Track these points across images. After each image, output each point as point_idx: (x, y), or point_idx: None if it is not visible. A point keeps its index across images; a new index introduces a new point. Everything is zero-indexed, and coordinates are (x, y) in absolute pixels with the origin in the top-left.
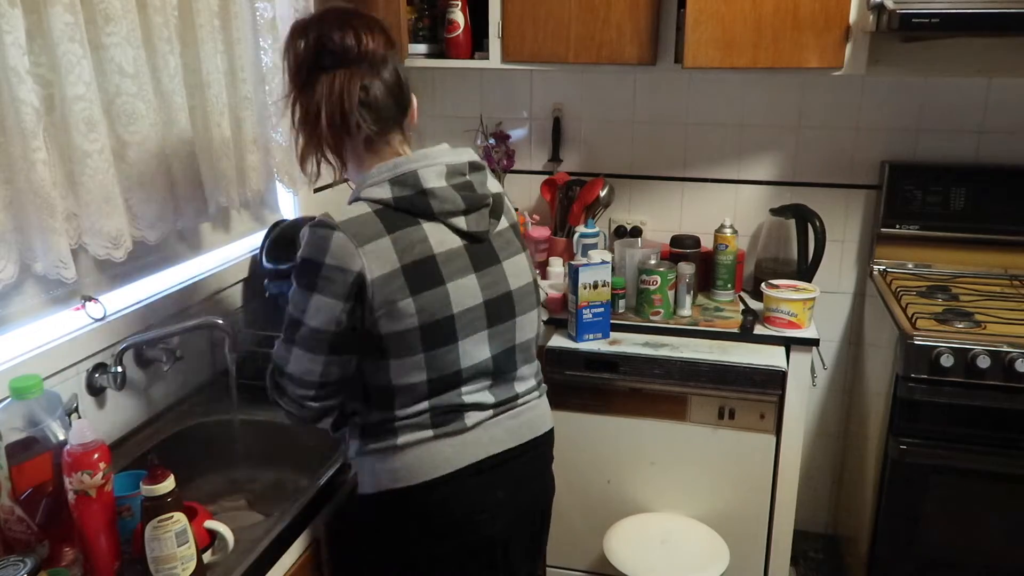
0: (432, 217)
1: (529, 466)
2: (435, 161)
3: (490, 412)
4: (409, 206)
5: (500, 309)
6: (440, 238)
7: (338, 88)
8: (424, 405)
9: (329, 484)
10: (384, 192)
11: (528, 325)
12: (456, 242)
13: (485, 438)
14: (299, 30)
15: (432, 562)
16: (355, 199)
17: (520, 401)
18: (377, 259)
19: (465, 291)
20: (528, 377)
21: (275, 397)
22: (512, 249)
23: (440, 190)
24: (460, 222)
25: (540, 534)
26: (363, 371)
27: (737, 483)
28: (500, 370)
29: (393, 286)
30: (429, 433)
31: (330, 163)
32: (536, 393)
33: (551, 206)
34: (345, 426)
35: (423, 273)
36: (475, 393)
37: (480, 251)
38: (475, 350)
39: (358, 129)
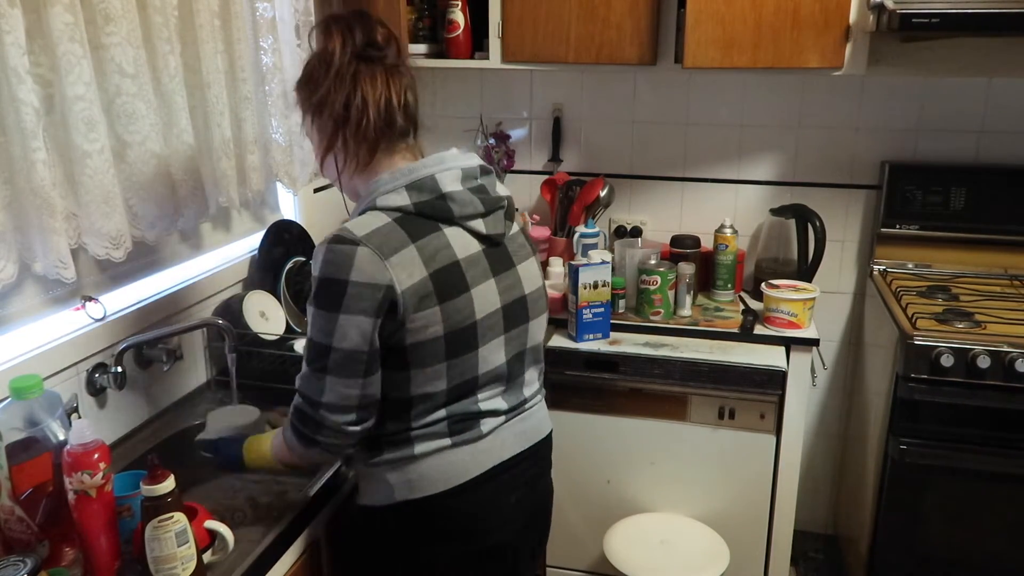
0: (452, 222)
1: (535, 469)
2: (450, 165)
3: (503, 418)
4: (430, 211)
5: (515, 313)
6: (462, 243)
7: (386, 83)
8: (441, 413)
9: (329, 485)
10: (402, 199)
11: (538, 329)
12: (476, 247)
13: (497, 444)
14: (343, 21)
15: (448, 569)
16: (368, 208)
17: (527, 406)
18: (404, 270)
19: (486, 297)
20: (533, 381)
21: (309, 434)
22: (524, 253)
23: (458, 194)
24: (479, 225)
25: (544, 536)
26: (383, 383)
27: (737, 483)
28: (512, 375)
29: (421, 295)
30: (447, 442)
31: (348, 161)
32: (539, 397)
33: (551, 206)
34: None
35: (449, 280)
36: (490, 400)
37: (497, 255)
38: (492, 356)
39: (394, 127)
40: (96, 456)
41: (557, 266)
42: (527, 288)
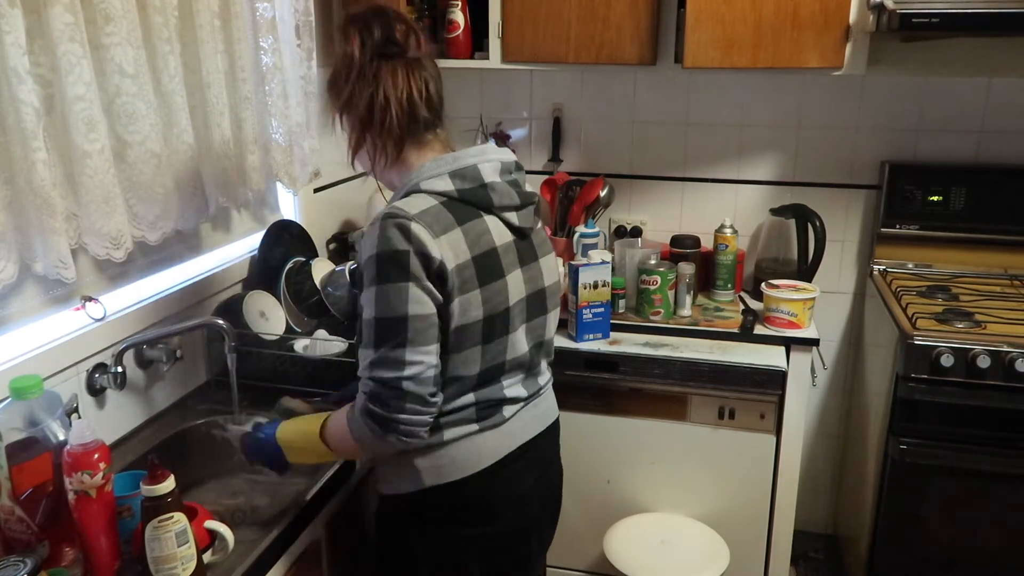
0: (490, 211)
1: (548, 450)
2: (491, 157)
3: (522, 404)
4: (473, 198)
5: (536, 304)
6: (498, 231)
7: (406, 78)
8: (470, 398)
9: (329, 484)
10: (446, 184)
11: (553, 322)
12: (508, 236)
13: (518, 427)
14: (360, 21)
15: (475, 552)
16: (412, 191)
17: (541, 392)
18: (452, 249)
19: (516, 284)
20: (546, 371)
21: (390, 415)
22: (546, 248)
23: (498, 185)
24: (513, 217)
25: (555, 519)
26: None
27: (737, 483)
28: (531, 364)
29: (465, 276)
30: (475, 427)
31: (378, 157)
32: (550, 384)
33: (551, 206)
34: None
35: (488, 265)
36: (512, 387)
37: (524, 247)
38: (518, 343)
39: (418, 121)
40: (96, 456)
41: (557, 266)
42: (547, 281)
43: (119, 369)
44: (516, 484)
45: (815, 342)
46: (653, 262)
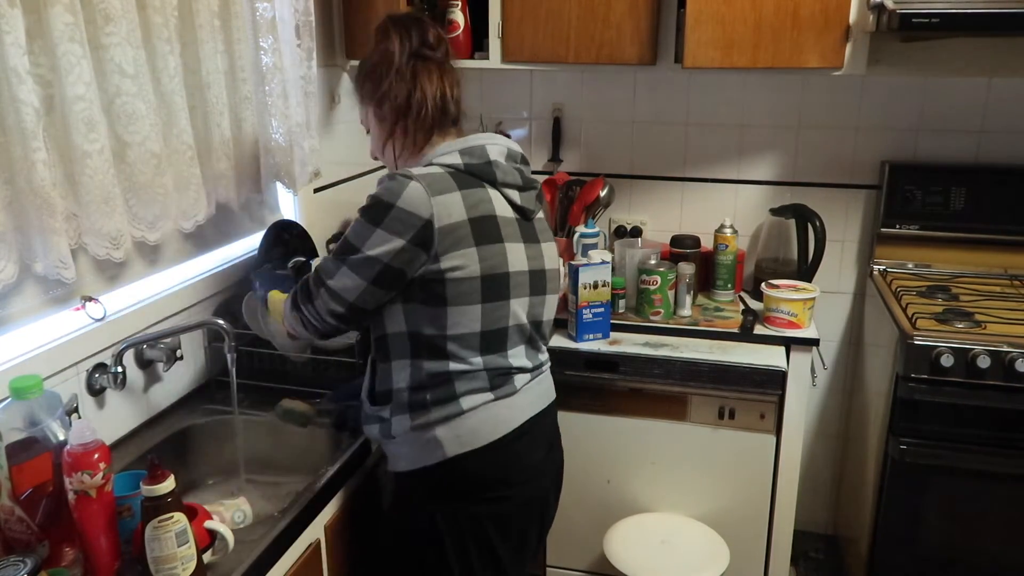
0: (494, 185)
1: (551, 428)
2: (498, 142)
3: (529, 376)
4: (478, 172)
5: (538, 282)
6: (501, 204)
7: (439, 78)
8: (479, 361)
9: (329, 484)
10: (455, 159)
11: (552, 305)
12: (511, 212)
13: (528, 400)
14: (401, 24)
15: (490, 524)
16: (425, 166)
17: (543, 368)
18: (446, 208)
19: (517, 255)
20: (544, 350)
21: (300, 302)
22: (548, 235)
23: (503, 164)
24: (515, 195)
25: (558, 497)
26: (420, 322)
27: (737, 483)
28: (531, 338)
29: (459, 234)
30: (490, 396)
31: (406, 145)
32: (548, 364)
33: (551, 206)
34: (348, 421)
35: (486, 228)
36: (518, 356)
37: (527, 227)
38: (520, 312)
39: (448, 114)
40: (96, 456)
41: (557, 255)
42: (547, 264)
43: (119, 369)
44: (528, 457)
45: (815, 342)
46: (653, 262)
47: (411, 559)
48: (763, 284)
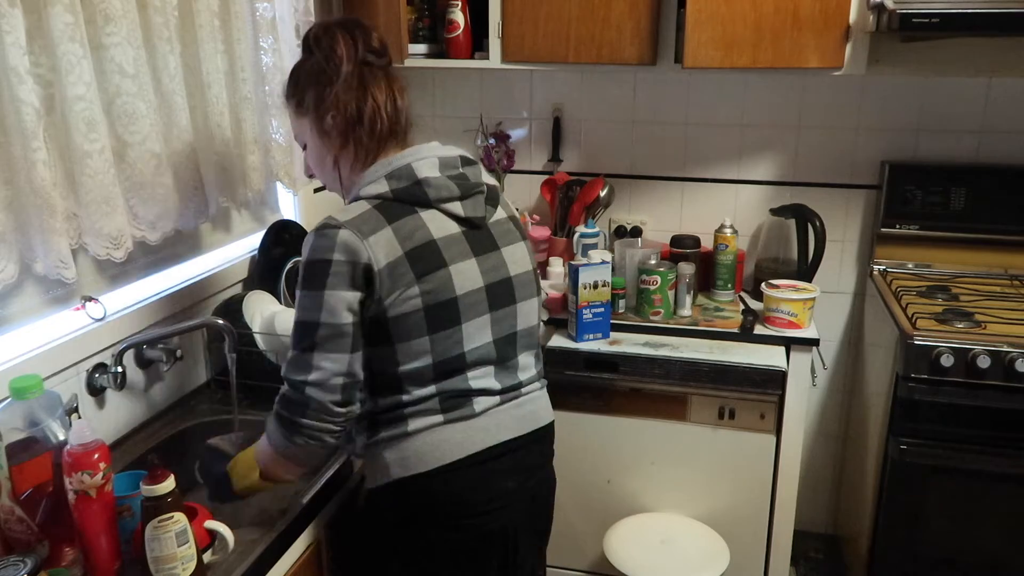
0: (428, 205)
1: (535, 457)
2: (427, 155)
3: (497, 399)
4: (407, 196)
5: (500, 294)
6: (439, 224)
7: (388, 86)
8: (432, 389)
9: (329, 484)
10: (381, 187)
11: (529, 312)
12: (454, 228)
13: (492, 425)
14: (343, 28)
15: (444, 551)
16: (354, 199)
17: (524, 390)
18: (381, 248)
19: (466, 274)
20: (529, 367)
21: (293, 418)
22: (511, 238)
23: (434, 179)
24: (456, 207)
25: (546, 526)
26: (370, 360)
27: (737, 483)
28: (502, 357)
29: (398, 271)
30: (439, 418)
31: (355, 161)
32: (538, 384)
33: (551, 206)
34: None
35: (425, 257)
36: (481, 378)
37: (479, 237)
38: (478, 334)
39: (399, 127)
40: (96, 456)
41: (557, 266)
42: (513, 270)
43: (119, 369)
44: (490, 486)
45: (815, 342)
46: (653, 262)
47: (369, 573)
48: (763, 284)
